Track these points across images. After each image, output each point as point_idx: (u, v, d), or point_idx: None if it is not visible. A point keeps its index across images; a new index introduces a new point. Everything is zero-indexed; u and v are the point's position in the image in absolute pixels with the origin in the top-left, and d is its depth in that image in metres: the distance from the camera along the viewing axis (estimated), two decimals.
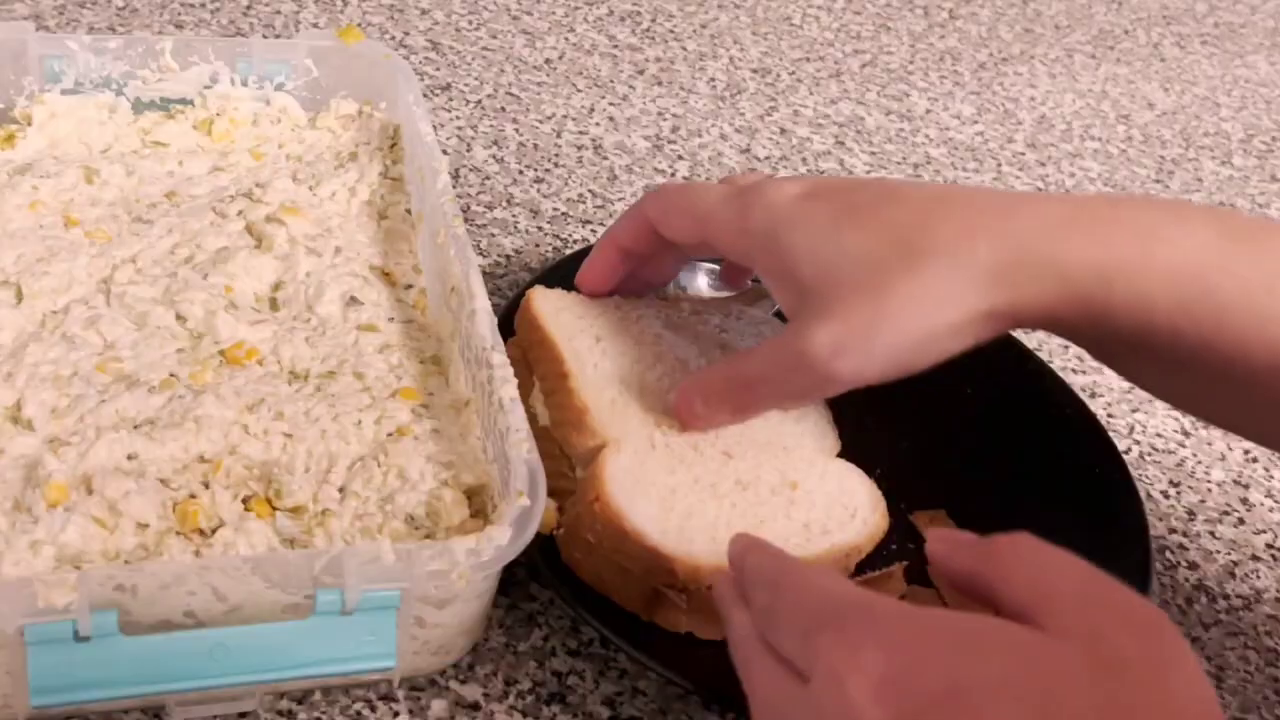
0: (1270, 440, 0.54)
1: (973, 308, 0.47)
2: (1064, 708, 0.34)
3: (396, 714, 0.51)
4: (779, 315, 0.64)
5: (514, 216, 0.79)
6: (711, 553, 0.51)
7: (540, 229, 0.79)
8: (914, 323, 0.47)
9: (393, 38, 0.94)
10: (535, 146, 0.86)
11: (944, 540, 0.42)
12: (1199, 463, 0.73)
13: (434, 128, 0.72)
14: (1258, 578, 0.66)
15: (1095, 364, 0.78)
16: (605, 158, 0.86)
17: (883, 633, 0.36)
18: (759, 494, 0.54)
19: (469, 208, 0.79)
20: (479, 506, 0.55)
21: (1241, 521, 0.69)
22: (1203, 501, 0.70)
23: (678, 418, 0.55)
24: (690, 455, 0.55)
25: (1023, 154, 1.00)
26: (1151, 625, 0.37)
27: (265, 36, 0.91)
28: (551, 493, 0.51)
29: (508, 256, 0.76)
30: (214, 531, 0.51)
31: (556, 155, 0.86)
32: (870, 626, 0.37)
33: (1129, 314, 0.47)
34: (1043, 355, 0.76)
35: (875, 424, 0.61)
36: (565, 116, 0.90)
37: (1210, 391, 0.50)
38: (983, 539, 0.41)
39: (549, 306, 0.60)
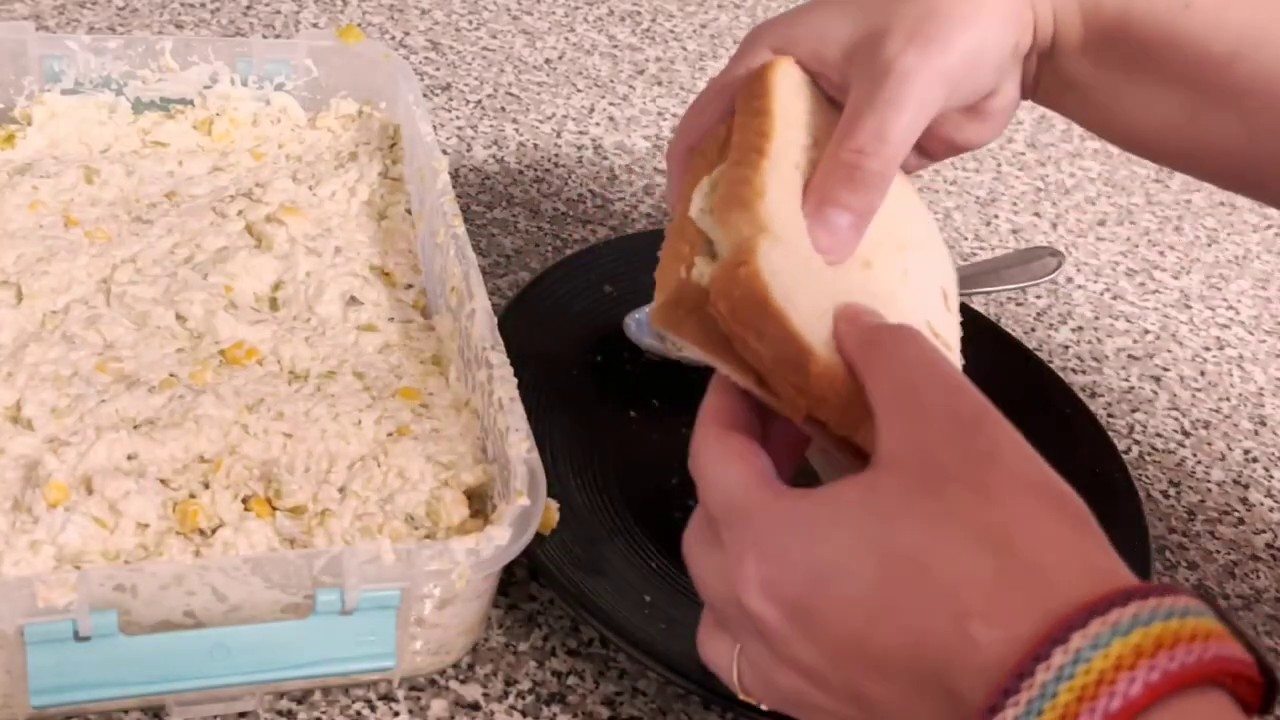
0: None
1: (1012, 34, 0.51)
2: (893, 550, 0.37)
3: (396, 714, 0.51)
4: None
5: (514, 216, 0.79)
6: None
7: (540, 229, 0.79)
8: (973, 36, 0.50)
9: (393, 38, 0.94)
10: (535, 146, 0.86)
11: (846, 318, 0.44)
12: (1199, 463, 0.73)
13: (434, 128, 0.72)
14: (1258, 578, 0.66)
15: (1095, 364, 0.79)
16: (605, 158, 0.86)
17: (755, 539, 0.40)
18: (898, 307, 0.51)
19: (469, 208, 0.79)
20: (479, 506, 0.55)
21: (1241, 521, 0.69)
22: (1203, 501, 0.70)
23: (822, 249, 0.51)
24: (837, 270, 0.52)
25: (1023, 154, 1.00)
26: (968, 425, 0.39)
27: (265, 36, 0.91)
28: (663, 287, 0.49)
29: (508, 256, 0.76)
30: (214, 531, 0.51)
31: (556, 155, 0.86)
32: (747, 535, 0.41)
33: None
34: (1043, 355, 0.76)
35: None
36: (565, 116, 0.90)
37: (1196, 105, 0.53)
38: (873, 326, 0.43)
39: (789, 84, 0.54)
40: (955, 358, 0.51)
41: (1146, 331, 0.82)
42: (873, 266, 0.51)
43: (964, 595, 0.36)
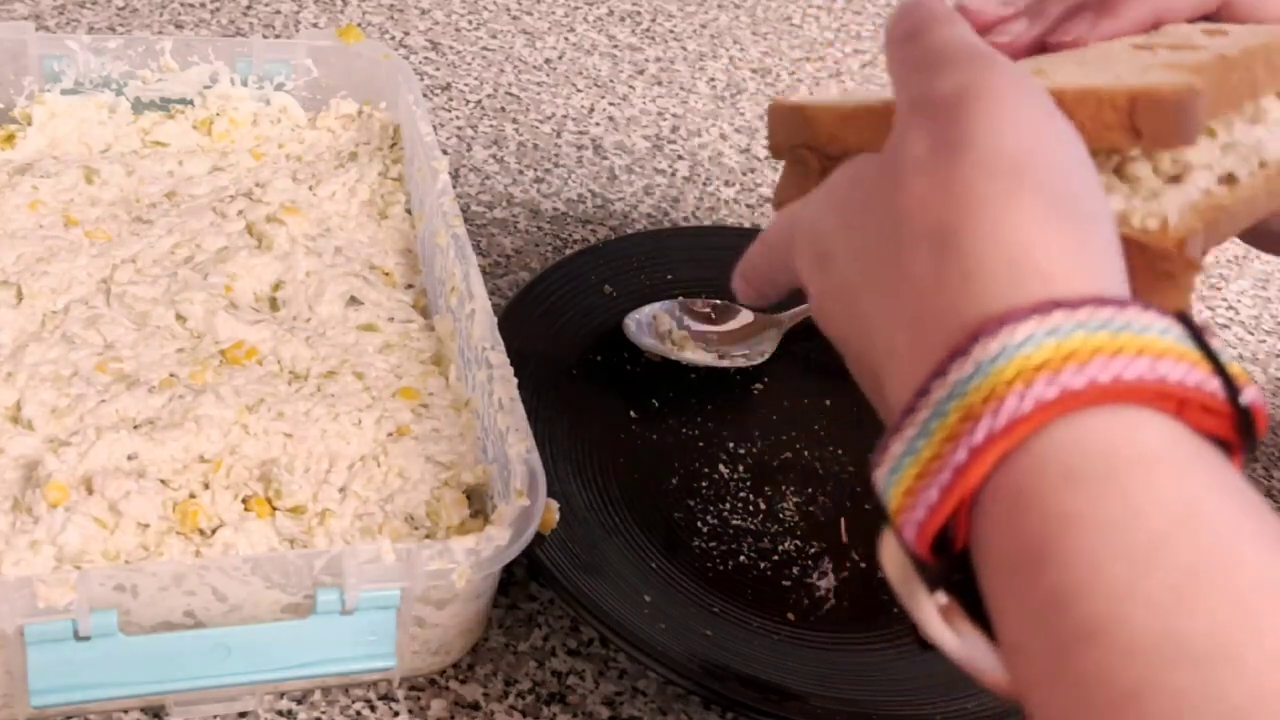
0: None
1: None
2: (862, 248, 0.36)
3: (396, 714, 0.51)
4: None
5: (514, 216, 0.79)
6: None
7: (540, 229, 0.79)
8: None
9: (393, 38, 0.94)
10: (535, 146, 0.86)
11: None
12: None
13: (434, 128, 0.72)
14: None
15: None
16: (605, 158, 0.86)
17: (815, 205, 0.40)
18: None
19: (469, 208, 0.79)
20: (479, 506, 0.55)
21: None
22: None
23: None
24: None
25: None
26: (949, 108, 0.36)
27: (265, 36, 0.91)
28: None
29: (508, 256, 0.76)
30: (214, 531, 0.51)
31: (556, 155, 0.86)
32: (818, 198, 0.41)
33: None
34: None
35: (873, 422, 0.61)
36: (565, 116, 0.90)
37: None
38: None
39: None
40: None
41: None
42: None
43: (897, 303, 0.35)
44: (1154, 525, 0.28)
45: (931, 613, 0.33)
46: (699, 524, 0.60)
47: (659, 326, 0.68)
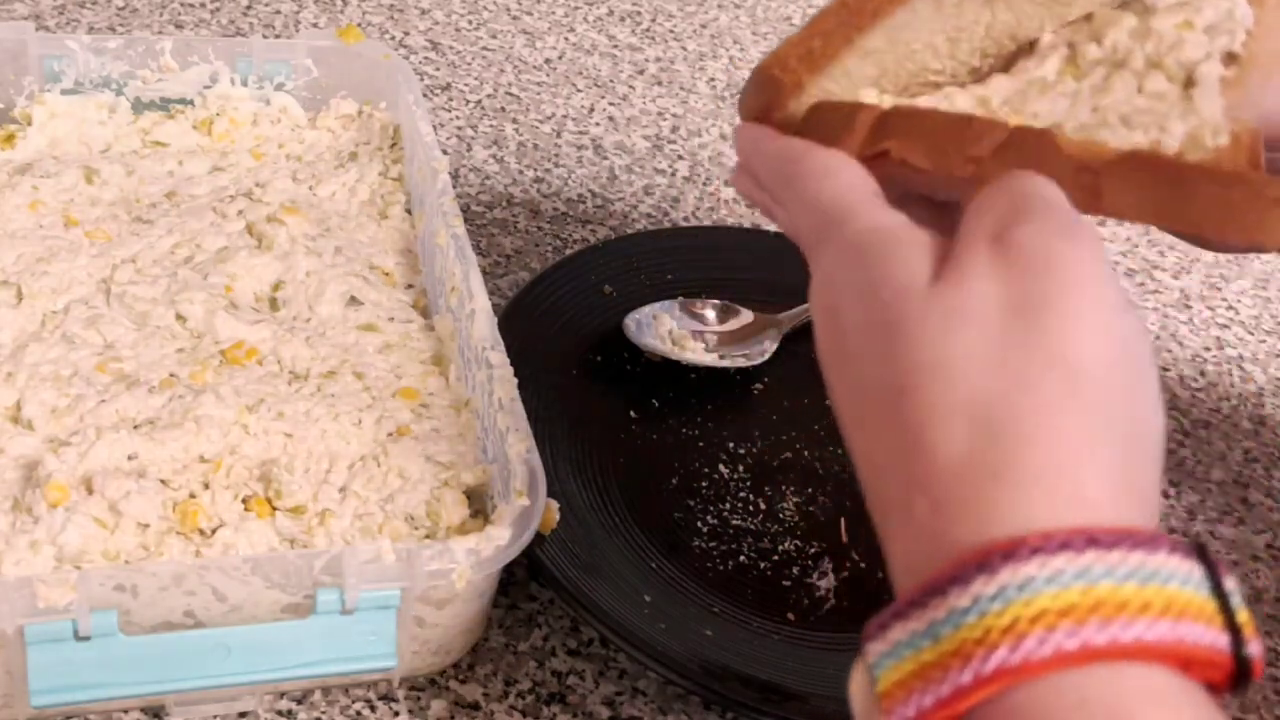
0: None
1: None
2: (898, 355, 0.34)
3: (396, 714, 0.51)
4: None
5: (514, 216, 0.79)
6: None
7: (540, 229, 0.79)
8: None
9: (393, 38, 0.94)
10: (535, 146, 0.86)
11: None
12: (1199, 463, 0.73)
13: (434, 128, 0.72)
14: (1258, 578, 0.66)
15: None
16: (605, 158, 0.86)
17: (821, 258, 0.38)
18: None
19: (469, 208, 0.79)
20: (479, 506, 0.55)
21: (1241, 521, 0.69)
22: (1203, 501, 0.70)
23: None
24: None
25: None
26: (1041, 261, 0.34)
27: (265, 36, 0.91)
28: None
29: (508, 256, 0.76)
30: (214, 531, 0.51)
31: (556, 155, 0.86)
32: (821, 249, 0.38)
33: None
34: None
35: None
36: (565, 116, 0.90)
37: None
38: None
39: None
40: None
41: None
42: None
43: (914, 460, 0.33)
44: None
45: None
46: (699, 524, 0.60)
47: (659, 326, 0.68)
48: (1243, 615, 0.31)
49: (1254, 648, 0.31)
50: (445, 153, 0.82)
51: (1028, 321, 0.33)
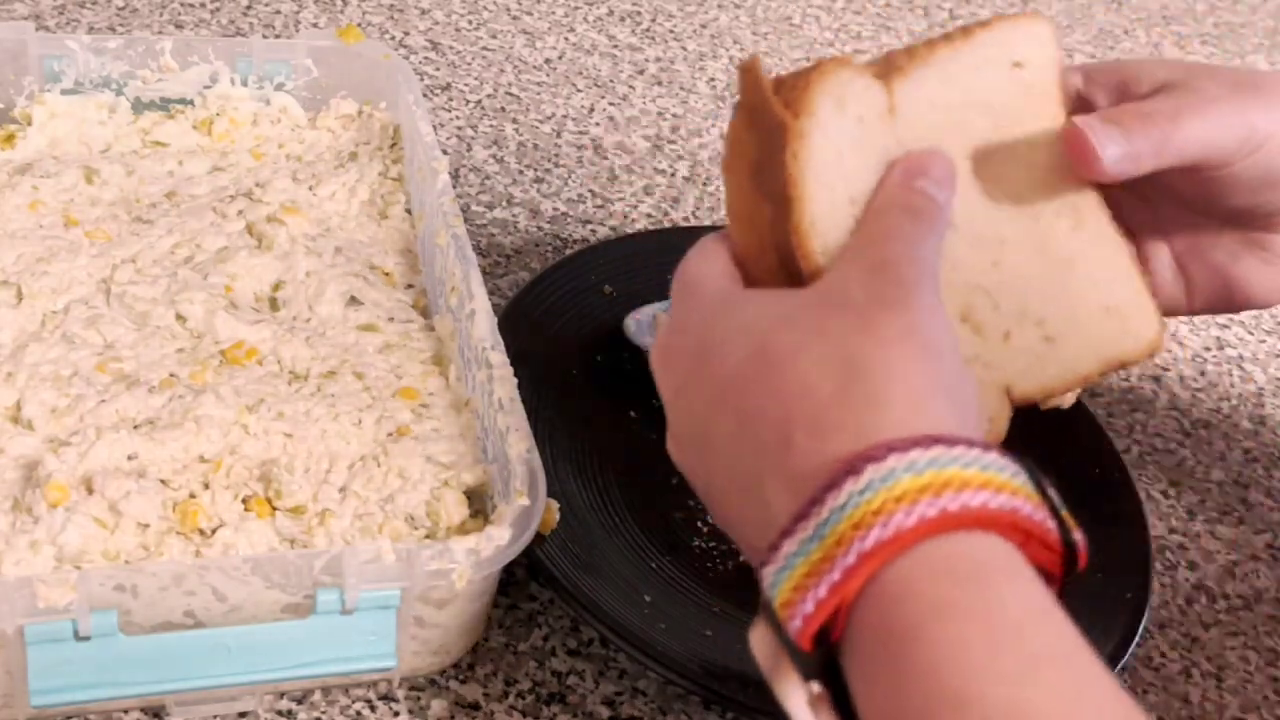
0: None
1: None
2: (766, 345, 0.40)
3: (396, 714, 0.51)
4: None
5: (514, 216, 0.79)
6: None
7: (540, 229, 0.79)
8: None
9: (393, 38, 0.94)
10: (535, 146, 0.86)
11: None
12: (1199, 463, 0.73)
13: (434, 128, 0.72)
14: (1258, 578, 0.66)
15: None
16: (605, 158, 0.86)
17: (681, 314, 0.45)
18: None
19: (469, 208, 0.79)
20: (479, 506, 0.55)
21: (1241, 521, 0.69)
22: (1203, 501, 0.70)
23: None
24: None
25: None
26: (895, 282, 0.41)
27: (265, 36, 0.91)
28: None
29: (508, 256, 0.76)
30: (214, 531, 0.51)
31: (556, 155, 0.86)
32: (682, 309, 0.45)
33: None
34: None
35: None
36: (565, 116, 0.90)
37: None
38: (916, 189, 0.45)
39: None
40: None
41: None
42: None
43: (798, 402, 0.38)
44: (1012, 615, 0.35)
45: (800, 700, 0.37)
46: (699, 524, 0.60)
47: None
48: (1064, 512, 0.38)
49: (1078, 535, 0.37)
50: (445, 153, 0.82)
51: (886, 308, 0.40)
